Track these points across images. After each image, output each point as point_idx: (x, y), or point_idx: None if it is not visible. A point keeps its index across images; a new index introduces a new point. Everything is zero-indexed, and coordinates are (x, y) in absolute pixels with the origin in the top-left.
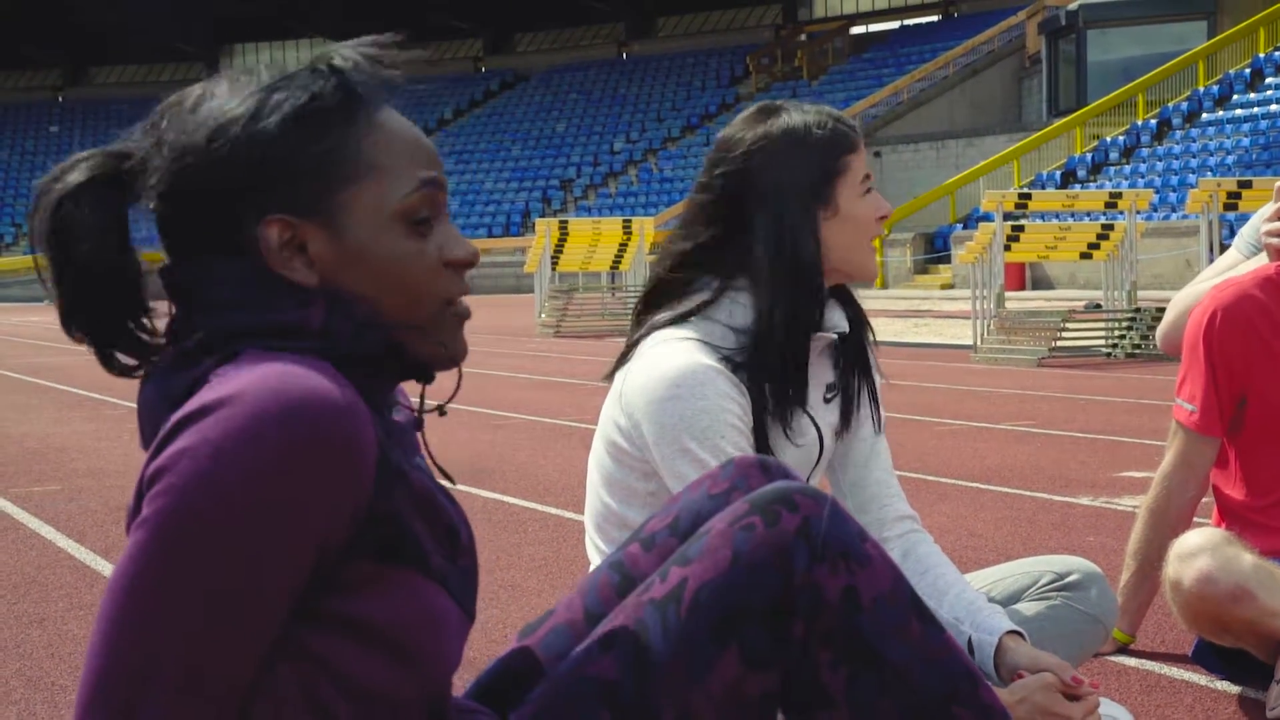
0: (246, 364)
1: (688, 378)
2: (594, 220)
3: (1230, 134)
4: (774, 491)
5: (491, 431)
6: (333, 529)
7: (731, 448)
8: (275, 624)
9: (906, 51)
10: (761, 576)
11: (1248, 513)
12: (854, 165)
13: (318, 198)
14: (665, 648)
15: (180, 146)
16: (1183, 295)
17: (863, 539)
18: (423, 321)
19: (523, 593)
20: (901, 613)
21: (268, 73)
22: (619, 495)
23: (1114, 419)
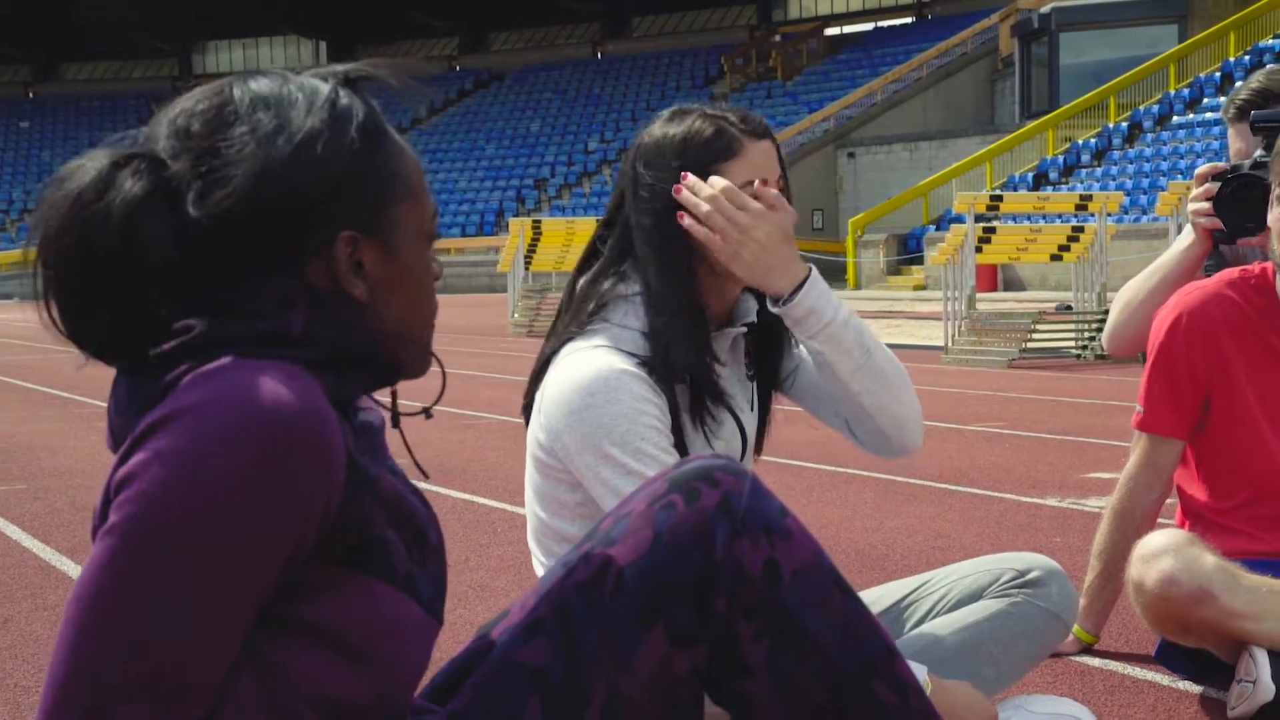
0: (220, 370)
1: (601, 384)
2: (568, 220)
3: (1200, 137)
4: (693, 469)
5: (463, 431)
6: (301, 536)
7: (653, 448)
8: (242, 631)
9: (880, 53)
10: (684, 554)
11: (1211, 514)
12: (730, 173)
13: (378, 214)
14: (592, 630)
15: (259, 162)
16: (1125, 291)
17: (783, 514)
18: (422, 333)
19: (491, 593)
20: (823, 586)
21: (293, 82)
22: (550, 508)
23: (1082, 420)
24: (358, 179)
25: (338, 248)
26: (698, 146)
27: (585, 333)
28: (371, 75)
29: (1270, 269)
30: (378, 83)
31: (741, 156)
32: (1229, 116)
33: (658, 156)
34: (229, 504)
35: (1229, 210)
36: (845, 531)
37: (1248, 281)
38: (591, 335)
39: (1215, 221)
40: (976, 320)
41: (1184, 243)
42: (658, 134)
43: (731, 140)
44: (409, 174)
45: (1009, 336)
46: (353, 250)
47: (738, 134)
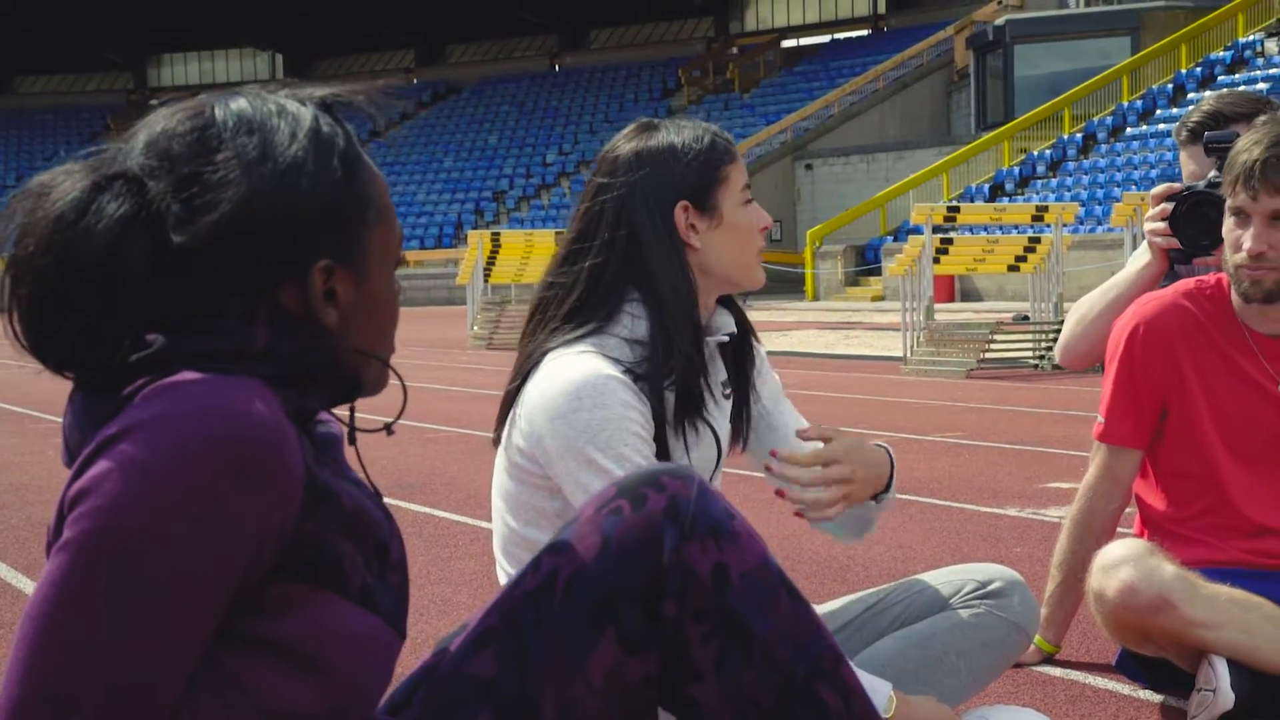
0: (177, 384)
1: (589, 388)
2: (526, 232)
3: (1154, 148)
4: (640, 474)
5: (422, 445)
6: (258, 552)
7: (636, 455)
8: (198, 645)
9: (837, 65)
10: (632, 559)
11: (1169, 524)
12: (733, 176)
13: (353, 243)
14: (542, 640)
15: (244, 189)
16: (1080, 305)
17: (730, 517)
18: (385, 351)
19: (453, 607)
20: (770, 588)
21: (273, 104)
22: (524, 517)
23: (1041, 430)
24: (337, 208)
25: (313, 276)
26: (704, 152)
27: (569, 340)
28: (350, 101)
29: (1225, 280)
30: (355, 109)
31: (736, 162)
32: (1181, 139)
33: (670, 163)
34: (184, 519)
35: (1185, 230)
36: (807, 543)
37: (1203, 292)
38: (575, 342)
39: (1172, 241)
40: (935, 331)
41: (1140, 262)
42: (654, 144)
43: (725, 147)
44: (379, 198)
45: (967, 347)
46: (327, 279)
47: (724, 142)
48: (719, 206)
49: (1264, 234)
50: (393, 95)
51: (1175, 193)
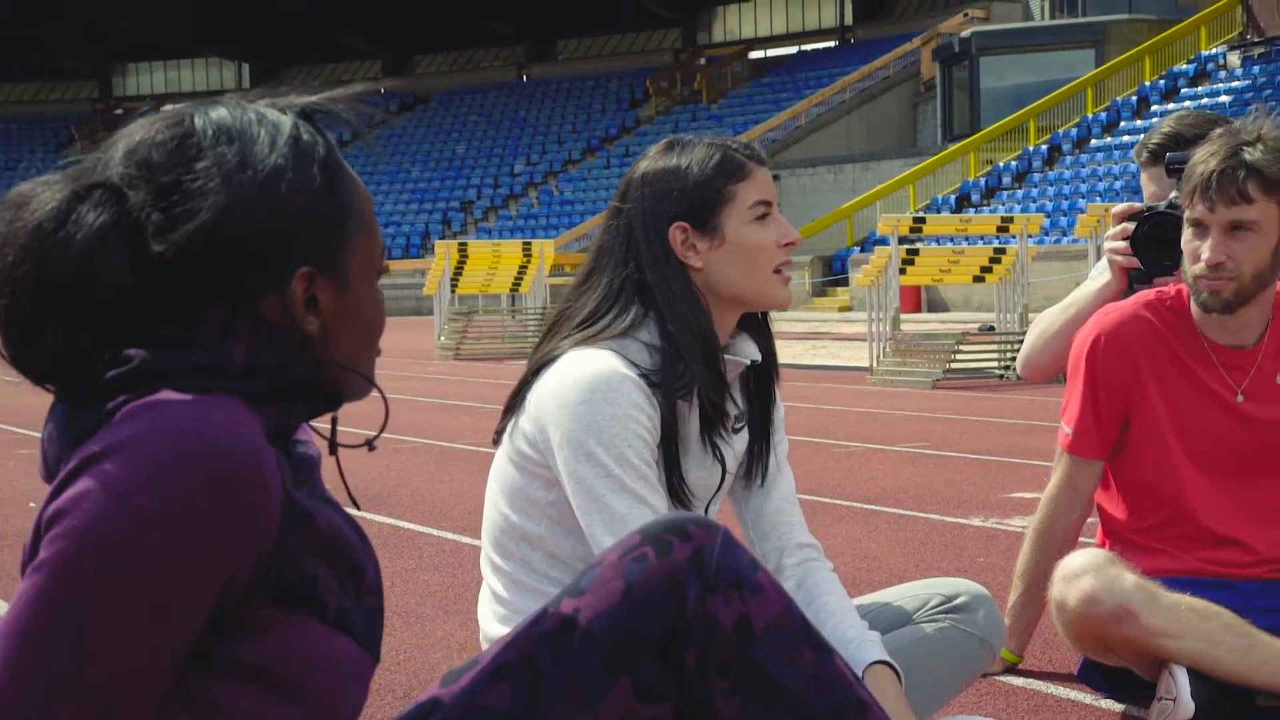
0: (156, 404)
1: (601, 383)
2: (494, 243)
3: (1118, 159)
4: (666, 522)
5: (389, 455)
6: (235, 574)
7: (636, 458)
8: (172, 670)
9: (804, 76)
10: (654, 607)
11: (1130, 534)
12: (741, 193)
13: (334, 252)
14: (558, 678)
15: (225, 197)
16: (1040, 320)
17: (754, 568)
18: (367, 363)
19: (418, 619)
20: (794, 640)
21: (253, 113)
22: (519, 506)
23: (1006, 440)
24: (317, 216)
25: (294, 284)
26: (710, 170)
27: (590, 339)
28: (329, 110)
29: (1185, 291)
30: (335, 118)
31: (750, 179)
32: (1142, 161)
33: (669, 184)
34: (161, 543)
35: (1146, 250)
36: None
37: (1163, 303)
38: (597, 342)
39: (1133, 261)
40: (901, 341)
41: (1100, 280)
42: (662, 164)
43: (740, 164)
44: (362, 209)
45: (933, 357)
46: (308, 286)
47: (743, 158)
48: (721, 226)
49: (1222, 245)
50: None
51: (1136, 212)
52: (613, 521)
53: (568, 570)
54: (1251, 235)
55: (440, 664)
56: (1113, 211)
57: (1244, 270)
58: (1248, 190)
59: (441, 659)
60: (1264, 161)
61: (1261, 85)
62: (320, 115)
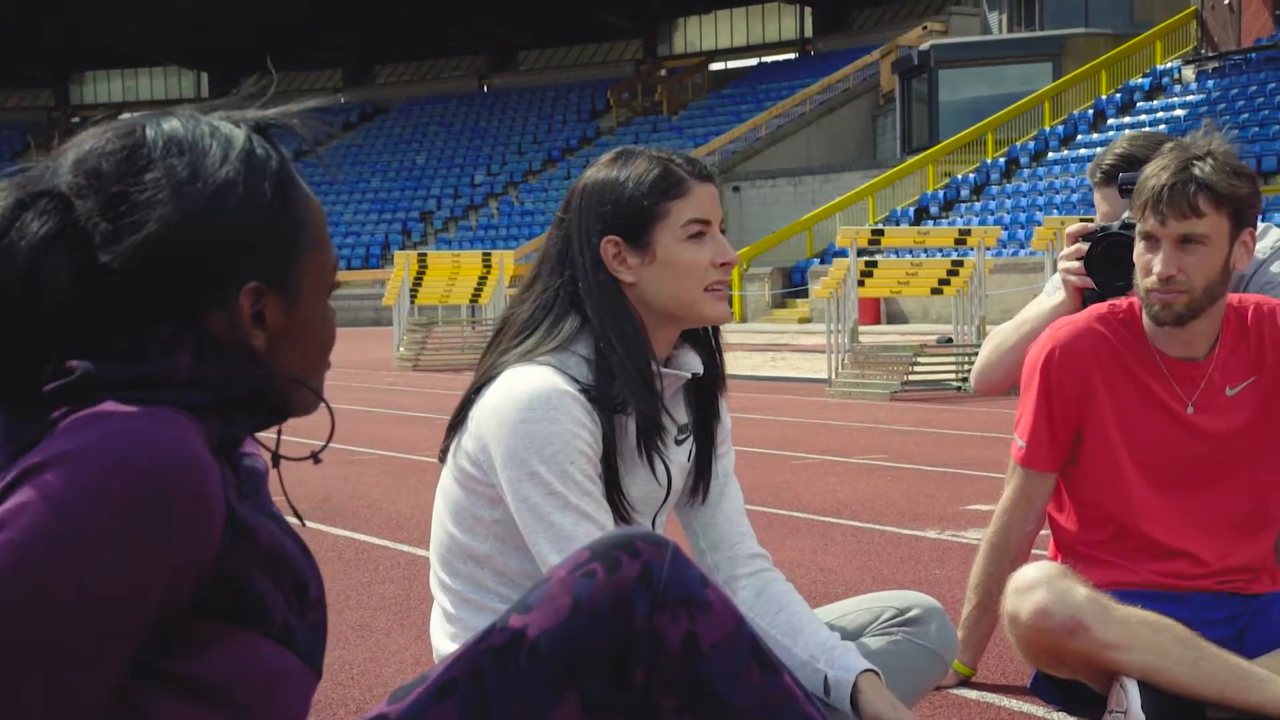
0: (98, 416)
1: (541, 400)
2: (453, 253)
3: (1075, 172)
4: (615, 538)
5: (345, 467)
6: (175, 590)
7: (579, 474)
8: (111, 685)
9: (765, 88)
10: (602, 623)
11: (1082, 546)
12: (675, 210)
13: (284, 267)
14: (505, 695)
15: (173, 210)
16: (994, 335)
17: (704, 585)
18: (315, 377)
19: (372, 632)
20: (742, 659)
21: (206, 125)
22: (464, 525)
23: (962, 452)
24: (268, 231)
25: (241, 298)
26: (646, 185)
27: (530, 354)
28: (284, 124)
29: (1137, 304)
30: (289, 130)
31: (688, 196)
32: (1096, 181)
33: (604, 197)
34: (99, 556)
35: (1099, 269)
36: None
37: (1116, 316)
38: (536, 357)
39: (1086, 280)
40: (859, 353)
41: (1054, 299)
42: (602, 176)
43: (679, 180)
44: (315, 224)
45: (891, 369)
46: (255, 301)
47: (684, 174)
48: (653, 243)
49: (1173, 258)
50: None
51: (1090, 233)
52: (558, 539)
53: (516, 587)
54: (1202, 249)
55: (395, 678)
56: (1067, 231)
57: (1195, 283)
58: (1198, 204)
59: (396, 673)
60: (1214, 176)
61: (1216, 99)
62: (275, 129)
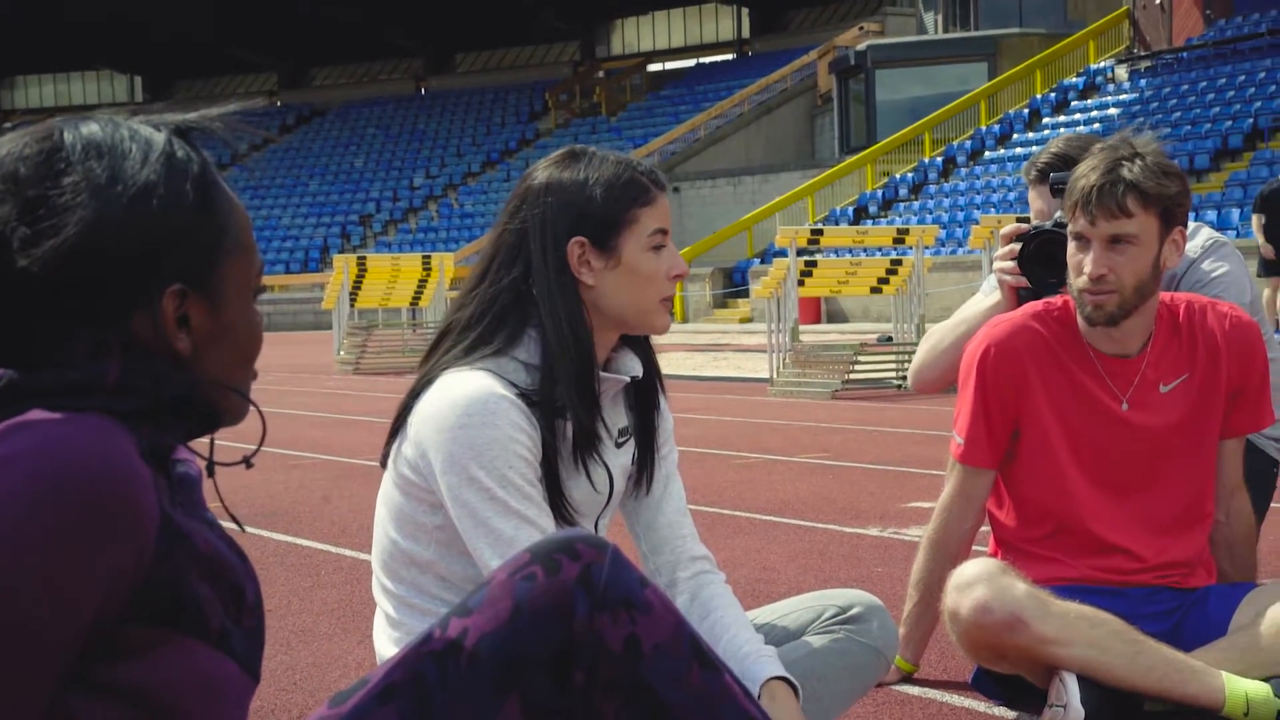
0: (25, 425)
1: (478, 406)
2: (393, 256)
3: (1011, 171)
4: (555, 540)
5: (286, 472)
6: (109, 597)
7: (519, 478)
8: (44, 694)
9: (703, 89)
10: (543, 626)
11: (1021, 543)
12: (644, 219)
13: (207, 270)
14: (446, 699)
15: (92, 213)
16: (931, 334)
17: (644, 585)
18: (243, 383)
19: (314, 637)
20: (683, 660)
21: (125, 129)
22: (406, 531)
23: (903, 450)
24: (189, 234)
25: (164, 302)
26: (617, 190)
27: (467, 360)
28: (204, 126)
29: (1072, 302)
30: (211, 133)
31: (653, 205)
32: (1030, 179)
33: (573, 198)
34: (31, 562)
35: (1032, 268)
36: None
37: (1051, 313)
38: (472, 362)
39: (1021, 280)
40: (800, 352)
41: (990, 299)
42: (567, 176)
43: (645, 188)
44: (239, 228)
45: (832, 368)
46: (179, 305)
47: (648, 183)
48: (619, 248)
49: (1103, 258)
50: (251, 122)
51: (1023, 233)
52: (499, 544)
53: (459, 592)
54: (1132, 248)
55: (337, 682)
56: (1001, 232)
57: (1125, 283)
58: (1127, 204)
59: (339, 677)
60: (1142, 176)
61: (1149, 98)
62: (197, 133)
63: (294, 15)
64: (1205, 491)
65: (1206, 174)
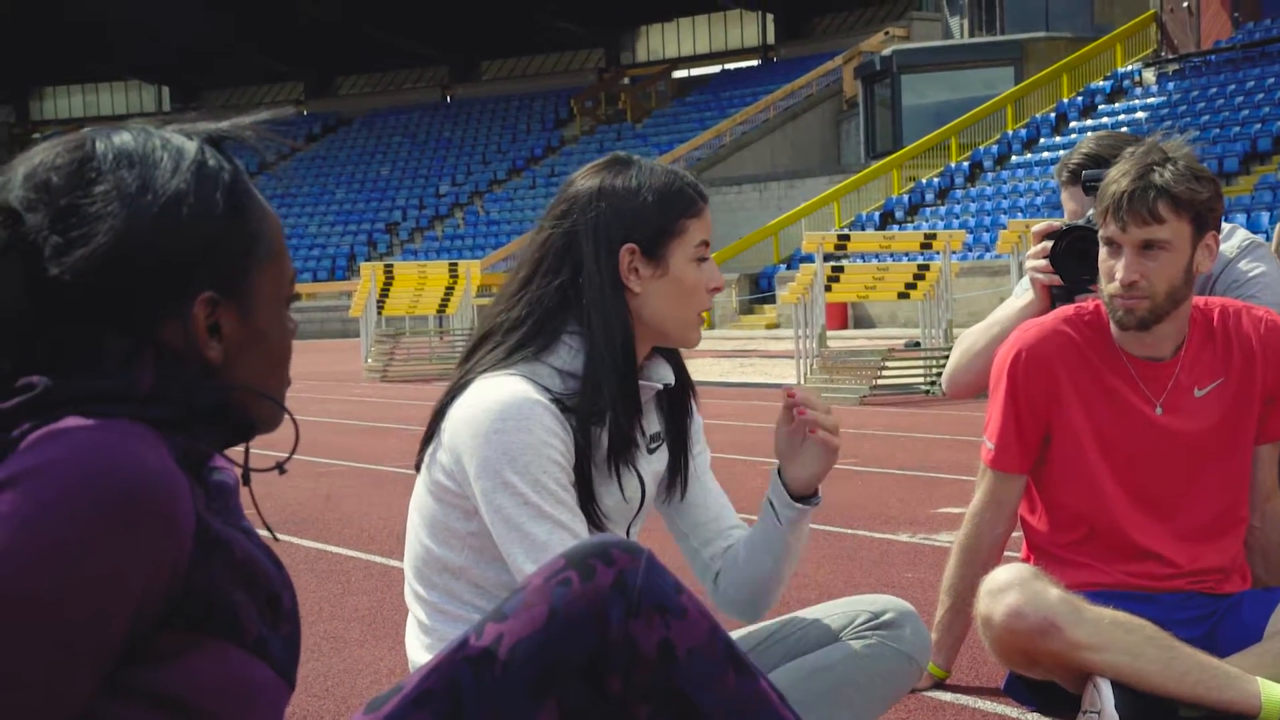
0: (62, 431)
1: (513, 410)
2: (420, 264)
3: (1038, 175)
4: (590, 546)
5: (315, 480)
6: (146, 603)
7: (552, 483)
8: (83, 700)
9: (728, 95)
10: (578, 632)
11: (1053, 548)
12: (691, 230)
13: (239, 278)
14: (481, 705)
15: (123, 222)
16: (964, 338)
17: (678, 591)
18: (276, 390)
19: (345, 644)
20: (717, 665)
21: (157, 138)
22: (440, 538)
23: (932, 455)
24: (220, 242)
25: (195, 310)
26: (668, 199)
27: (501, 365)
28: (236, 135)
29: (1104, 305)
30: (242, 142)
31: (700, 217)
32: (1062, 179)
33: (625, 204)
34: (68, 572)
35: (1065, 265)
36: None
37: (1082, 318)
38: (507, 367)
39: (1054, 278)
40: (828, 358)
41: (1023, 299)
42: (618, 183)
43: (693, 199)
44: (270, 236)
45: (860, 373)
46: (211, 313)
47: (694, 195)
48: (668, 258)
49: (1135, 264)
50: (280, 130)
51: (1055, 230)
52: (534, 549)
53: (492, 599)
54: (1164, 254)
55: (368, 689)
56: (1033, 230)
57: (1157, 289)
58: (1158, 210)
59: (370, 684)
60: (1174, 181)
61: (1176, 101)
62: (229, 142)
63: (320, 25)
64: (1240, 497)
65: (1235, 177)
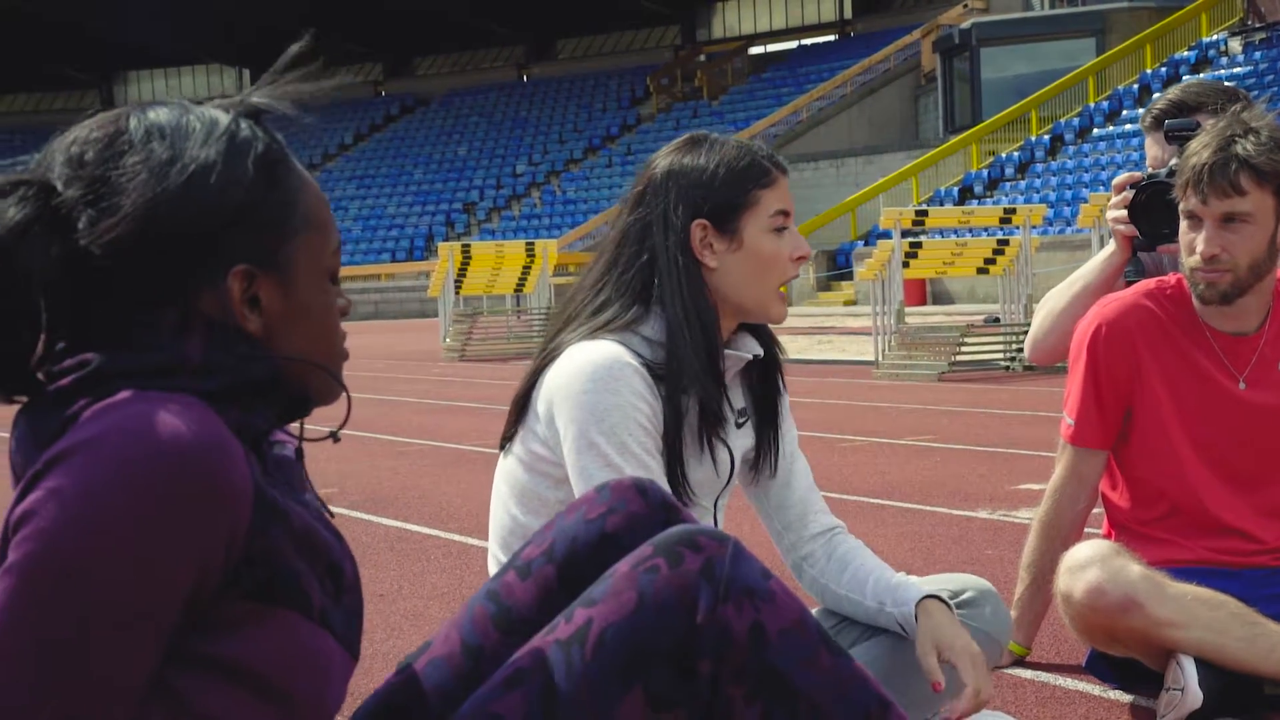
0: (117, 405)
1: (604, 371)
2: (497, 244)
3: (1121, 149)
4: (677, 533)
5: (395, 458)
6: (205, 571)
7: (638, 447)
8: (146, 669)
9: (805, 71)
10: (666, 617)
11: (1135, 524)
12: (765, 200)
13: (275, 249)
14: (570, 687)
15: (151, 191)
16: (1047, 300)
17: (766, 576)
18: (329, 362)
19: (425, 621)
20: (810, 644)
21: (194, 112)
22: (528, 507)
23: (1012, 431)
24: (253, 212)
25: (230, 282)
26: (738, 172)
27: (593, 332)
28: (271, 107)
29: (1185, 279)
30: (278, 113)
31: (774, 186)
32: (1146, 125)
33: (694, 181)
34: (126, 541)
35: (1145, 217)
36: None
37: (1164, 292)
38: (599, 334)
39: (1134, 228)
40: (906, 334)
41: (1105, 252)
42: (689, 161)
43: (765, 169)
44: (310, 207)
45: (938, 350)
46: (248, 285)
47: (768, 164)
48: (741, 230)
49: (1216, 237)
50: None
51: (1136, 181)
52: None
53: None
54: (1246, 227)
55: None
56: (1114, 181)
57: (1239, 262)
58: (1240, 182)
59: None
60: (1255, 152)
61: (1263, 71)
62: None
63: (396, 6)
64: None
65: None
